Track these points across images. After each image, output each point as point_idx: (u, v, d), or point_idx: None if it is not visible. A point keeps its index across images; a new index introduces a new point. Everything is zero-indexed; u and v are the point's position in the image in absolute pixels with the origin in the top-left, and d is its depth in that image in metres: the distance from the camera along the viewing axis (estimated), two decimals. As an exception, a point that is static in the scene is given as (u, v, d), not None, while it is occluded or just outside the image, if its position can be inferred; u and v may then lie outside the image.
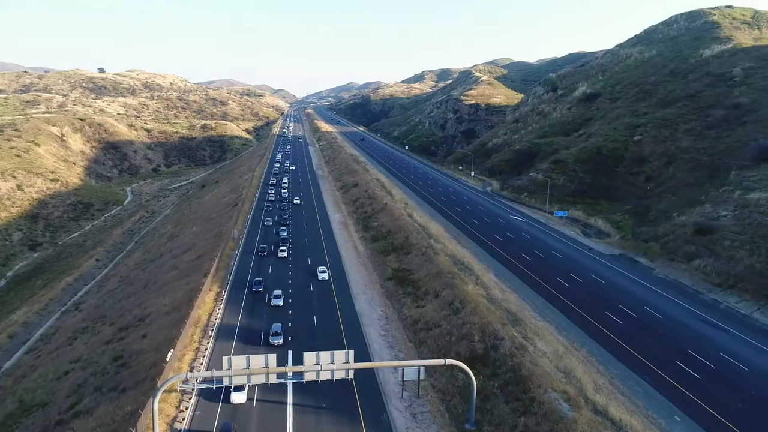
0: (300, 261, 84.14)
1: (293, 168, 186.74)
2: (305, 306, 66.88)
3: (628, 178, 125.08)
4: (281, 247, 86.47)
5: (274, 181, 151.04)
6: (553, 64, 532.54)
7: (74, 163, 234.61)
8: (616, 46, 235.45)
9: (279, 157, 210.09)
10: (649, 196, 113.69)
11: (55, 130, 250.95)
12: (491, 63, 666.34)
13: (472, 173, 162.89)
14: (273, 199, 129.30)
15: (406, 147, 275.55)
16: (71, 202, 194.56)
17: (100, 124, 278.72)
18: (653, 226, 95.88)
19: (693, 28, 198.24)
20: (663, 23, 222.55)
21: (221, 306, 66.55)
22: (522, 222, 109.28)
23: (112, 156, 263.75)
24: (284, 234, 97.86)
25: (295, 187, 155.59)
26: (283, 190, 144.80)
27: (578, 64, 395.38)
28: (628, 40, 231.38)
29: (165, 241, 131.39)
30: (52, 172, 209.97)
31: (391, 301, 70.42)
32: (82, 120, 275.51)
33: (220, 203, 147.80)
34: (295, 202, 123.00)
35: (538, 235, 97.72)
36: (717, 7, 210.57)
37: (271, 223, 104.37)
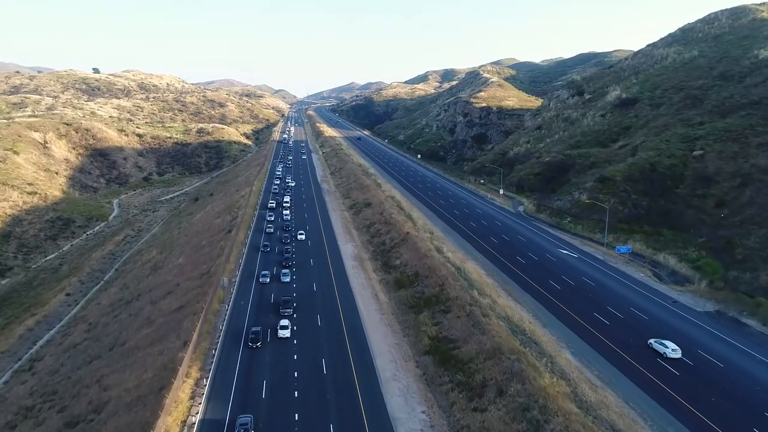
0: (309, 343, 59.58)
1: (293, 184, 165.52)
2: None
3: (693, 202, 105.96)
4: (282, 322, 61.94)
5: (274, 204, 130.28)
6: (563, 64, 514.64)
7: (57, 173, 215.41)
8: (648, 45, 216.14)
9: (279, 170, 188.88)
10: (725, 225, 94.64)
11: (37, 136, 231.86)
12: (496, 63, 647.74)
13: (501, 190, 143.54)
14: (272, 230, 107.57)
15: (419, 156, 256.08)
16: (49, 218, 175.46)
17: (87, 129, 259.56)
18: (748, 271, 76.87)
19: (739, 27, 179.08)
20: (701, 21, 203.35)
21: (199, 411, 47.28)
22: (575, 259, 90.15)
23: (99, 164, 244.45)
24: (286, 279, 78.10)
25: (299, 206, 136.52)
26: (285, 212, 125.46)
27: (605, 65, 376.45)
28: (661, 39, 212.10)
29: (147, 273, 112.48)
30: (30, 184, 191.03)
31: (435, 395, 51.27)
32: (68, 125, 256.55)
33: (213, 226, 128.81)
34: (299, 237, 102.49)
35: (604, 281, 78.48)
36: (764, 3, 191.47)
37: (268, 279, 78.72)
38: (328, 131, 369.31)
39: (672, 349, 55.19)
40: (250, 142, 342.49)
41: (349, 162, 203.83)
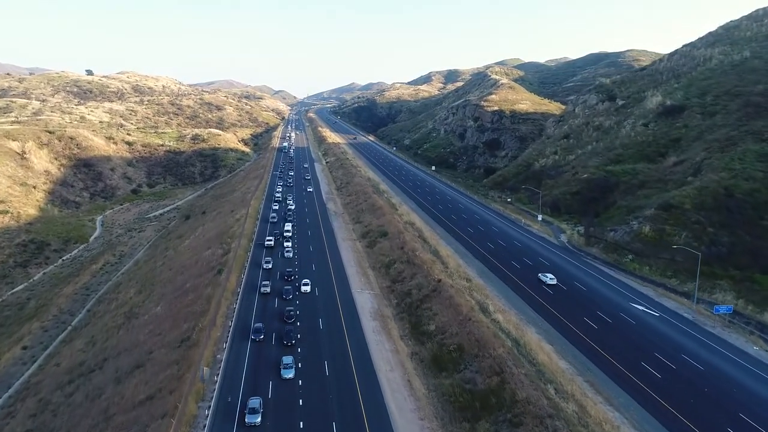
0: None
1: (293, 207, 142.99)
2: None
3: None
4: None
5: (272, 241, 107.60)
6: (572, 65, 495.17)
7: (34, 187, 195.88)
8: (685, 45, 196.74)
9: (279, 191, 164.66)
10: (841, 273, 74.99)
11: (15, 145, 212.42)
12: (501, 63, 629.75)
13: (540, 216, 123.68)
14: (268, 288, 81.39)
15: (433, 167, 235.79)
16: (21, 241, 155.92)
17: (72, 138, 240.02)
18: None
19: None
20: (747, 18, 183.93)
21: None
22: (657, 320, 70.45)
23: (83, 176, 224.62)
24: (288, 375, 54.96)
25: (302, 235, 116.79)
26: (286, 245, 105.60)
27: (620, 66, 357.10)
28: (700, 39, 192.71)
29: (119, 323, 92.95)
30: (1, 202, 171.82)
31: None
32: (50, 132, 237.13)
33: (201, 259, 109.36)
34: (303, 289, 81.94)
35: (713, 362, 58.55)
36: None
37: (258, 419, 47.70)
38: (331, 137, 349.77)
39: None
40: (248, 149, 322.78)
41: (356, 175, 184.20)
